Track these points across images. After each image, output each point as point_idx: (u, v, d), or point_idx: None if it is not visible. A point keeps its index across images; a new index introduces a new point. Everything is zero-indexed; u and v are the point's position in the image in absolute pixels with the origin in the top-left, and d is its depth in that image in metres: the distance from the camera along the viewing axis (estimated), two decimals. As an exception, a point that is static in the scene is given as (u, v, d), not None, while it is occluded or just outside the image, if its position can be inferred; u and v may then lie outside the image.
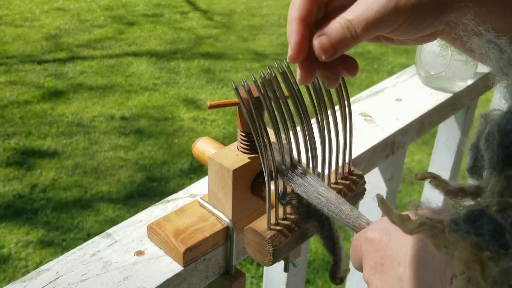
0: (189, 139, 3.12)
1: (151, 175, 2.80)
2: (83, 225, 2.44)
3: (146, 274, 0.55)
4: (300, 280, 0.85)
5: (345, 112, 0.54)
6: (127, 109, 3.42)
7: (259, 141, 0.48)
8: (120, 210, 2.54)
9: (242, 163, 0.55)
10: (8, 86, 3.62)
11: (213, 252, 0.59)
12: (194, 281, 0.59)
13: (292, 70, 0.49)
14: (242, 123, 0.56)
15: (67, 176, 2.75)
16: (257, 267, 2.19)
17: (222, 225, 0.59)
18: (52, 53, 4.15)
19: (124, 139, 3.11)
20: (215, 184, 0.58)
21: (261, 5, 5.53)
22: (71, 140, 3.06)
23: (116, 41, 4.42)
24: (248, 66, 4.14)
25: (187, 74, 3.96)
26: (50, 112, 3.34)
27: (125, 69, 3.97)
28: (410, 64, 1.12)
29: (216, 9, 5.34)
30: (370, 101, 0.94)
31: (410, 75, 1.04)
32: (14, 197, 2.58)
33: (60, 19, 4.80)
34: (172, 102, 3.54)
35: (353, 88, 3.82)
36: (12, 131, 3.11)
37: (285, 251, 0.51)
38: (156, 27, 4.78)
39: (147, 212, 0.64)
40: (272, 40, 4.68)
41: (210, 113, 3.40)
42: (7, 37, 4.38)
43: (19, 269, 2.18)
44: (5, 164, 2.82)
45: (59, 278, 0.54)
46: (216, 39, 4.60)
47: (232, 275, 0.62)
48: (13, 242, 2.32)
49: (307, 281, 2.12)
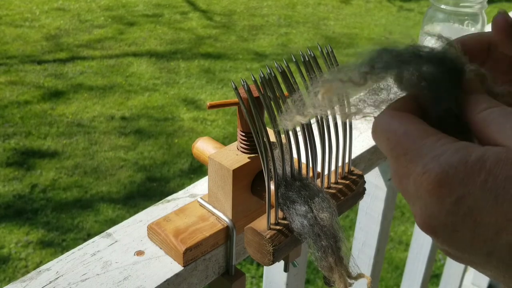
0: (189, 139, 3.12)
1: (151, 175, 2.81)
2: (83, 225, 2.44)
3: (146, 274, 0.55)
4: (300, 280, 0.85)
5: (345, 112, 0.54)
6: (127, 109, 3.42)
7: (259, 141, 0.48)
8: (120, 210, 2.54)
9: (242, 163, 0.55)
10: (8, 86, 3.62)
11: (213, 252, 0.59)
12: (194, 281, 0.59)
13: (292, 70, 0.49)
14: (242, 123, 0.56)
15: (67, 176, 2.75)
16: (257, 267, 2.19)
17: (222, 225, 0.59)
18: (52, 53, 4.15)
19: (124, 139, 3.11)
20: (215, 184, 0.58)
21: (261, 5, 5.53)
22: (71, 140, 3.06)
23: (116, 41, 4.42)
24: (248, 66, 4.14)
25: (187, 74, 3.96)
26: (50, 112, 3.34)
27: (125, 69, 3.97)
28: (410, 64, 1.12)
29: (216, 9, 5.34)
30: (370, 101, 0.94)
31: (410, 75, 1.04)
32: (14, 197, 2.58)
33: (60, 19, 4.80)
34: (172, 102, 3.54)
35: (353, 88, 3.82)
36: (12, 131, 3.11)
37: (285, 250, 0.51)
38: (156, 27, 4.78)
39: (147, 212, 0.64)
40: (272, 40, 4.68)
41: (210, 113, 3.40)
42: (7, 37, 4.38)
43: (19, 269, 2.18)
44: (5, 164, 2.82)
45: (59, 278, 0.54)
46: (216, 39, 4.61)
47: (232, 275, 0.62)
48: (13, 242, 2.32)
49: (307, 281, 2.12)
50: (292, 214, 0.49)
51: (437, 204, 0.31)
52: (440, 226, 0.32)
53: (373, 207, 0.98)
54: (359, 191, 0.58)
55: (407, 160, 0.32)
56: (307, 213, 0.49)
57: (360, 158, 0.78)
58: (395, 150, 0.33)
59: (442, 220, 0.31)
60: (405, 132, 0.33)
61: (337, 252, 0.49)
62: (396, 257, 2.33)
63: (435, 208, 0.31)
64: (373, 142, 0.81)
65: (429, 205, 0.31)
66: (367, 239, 1.01)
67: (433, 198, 0.31)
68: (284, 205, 0.50)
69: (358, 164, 0.78)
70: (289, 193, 0.50)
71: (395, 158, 0.33)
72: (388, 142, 0.34)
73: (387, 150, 0.34)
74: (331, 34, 4.93)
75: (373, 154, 0.81)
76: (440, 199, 0.31)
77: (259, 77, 0.47)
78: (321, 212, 0.49)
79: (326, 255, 0.48)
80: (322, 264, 0.49)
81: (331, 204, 0.50)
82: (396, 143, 0.33)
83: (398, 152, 0.33)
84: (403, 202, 2.66)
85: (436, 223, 0.32)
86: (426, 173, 0.31)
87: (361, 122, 0.87)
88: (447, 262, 1.66)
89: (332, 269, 0.49)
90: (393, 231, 2.47)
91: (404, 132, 0.33)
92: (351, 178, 0.58)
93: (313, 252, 0.49)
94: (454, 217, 0.31)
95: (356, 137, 0.81)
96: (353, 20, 5.34)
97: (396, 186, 0.35)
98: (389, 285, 2.19)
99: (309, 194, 0.50)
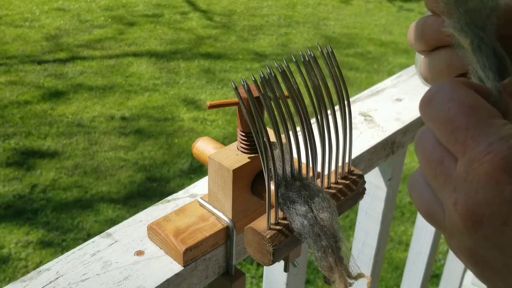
0: (189, 139, 3.12)
1: (151, 175, 2.81)
2: (83, 225, 2.44)
3: (146, 274, 0.55)
4: (300, 280, 0.85)
5: (345, 112, 0.54)
6: (127, 109, 3.42)
7: (259, 141, 0.48)
8: (120, 210, 2.54)
9: (242, 163, 0.55)
10: (8, 86, 3.62)
11: (213, 252, 0.59)
12: (194, 281, 0.59)
13: (292, 70, 0.49)
14: (242, 123, 0.56)
15: (67, 176, 2.75)
16: (257, 267, 2.19)
17: (222, 225, 0.59)
18: (52, 53, 4.15)
19: (124, 139, 3.11)
20: (215, 184, 0.58)
21: (261, 5, 5.53)
22: (71, 140, 3.06)
23: (116, 41, 4.42)
24: (248, 66, 4.14)
25: (187, 74, 3.96)
26: (50, 112, 3.34)
27: (125, 69, 3.97)
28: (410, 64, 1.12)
29: (216, 9, 5.35)
30: (370, 101, 0.94)
31: (410, 75, 1.04)
32: (14, 197, 2.58)
33: (60, 19, 4.80)
34: (172, 102, 3.54)
35: (353, 88, 3.83)
36: (12, 131, 3.11)
37: (285, 250, 0.51)
38: (156, 27, 4.78)
39: (147, 212, 0.64)
40: (272, 40, 4.68)
41: (210, 113, 3.40)
42: (7, 37, 4.38)
43: (19, 269, 2.18)
44: (5, 164, 2.82)
45: (59, 278, 0.54)
46: (216, 39, 4.61)
47: (232, 275, 0.62)
48: (13, 242, 2.32)
49: (307, 281, 2.12)
50: (292, 214, 0.49)
51: (494, 190, 0.27)
52: (489, 216, 0.28)
53: (373, 207, 0.98)
54: (359, 191, 0.58)
55: (468, 136, 0.28)
56: (307, 213, 0.49)
57: (360, 158, 0.78)
58: (456, 121, 0.29)
59: (494, 210, 0.27)
60: (473, 105, 0.29)
61: (337, 252, 0.49)
62: (396, 257, 2.33)
63: (490, 194, 0.27)
64: (373, 142, 0.81)
65: (481, 190, 0.27)
66: (367, 239, 1.01)
67: (491, 182, 0.27)
68: (284, 205, 0.50)
69: (358, 164, 0.78)
70: (289, 193, 0.50)
71: (449, 131, 0.29)
72: (449, 112, 0.29)
73: (443, 120, 0.30)
74: (331, 34, 4.93)
75: (373, 154, 0.81)
76: (500, 185, 0.27)
77: (259, 77, 0.47)
78: (321, 212, 0.49)
79: (326, 255, 0.48)
80: (322, 264, 0.49)
81: (331, 204, 0.50)
82: (460, 113, 0.29)
83: (458, 124, 0.29)
84: (403, 202, 2.66)
85: (485, 212, 0.28)
86: (491, 153, 0.27)
87: (361, 122, 0.87)
88: (447, 262, 1.66)
89: (332, 269, 0.49)
90: (393, 231, 2.47)
91: (472, 105, 0.29)
92: (351, 178, 0.58)
93: (313, 252, 0.49)
94: (510, 207, 0.27)
95: (356, 137, 0.81)
96: (353, 20, 5.34)
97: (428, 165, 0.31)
98: (389, 285, 2.19)
99: (309, 194, 0.50)
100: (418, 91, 0.98)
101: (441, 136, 0.30)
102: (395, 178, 0.97)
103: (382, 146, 0.83)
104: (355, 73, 4.16)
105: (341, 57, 4.38)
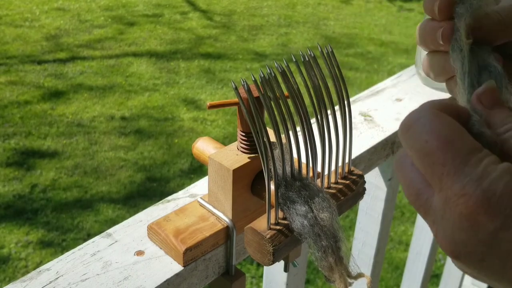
0: (189, 139, 3.12)
1: (151, 175, 2.81)
2: (83, 225, 2.44)
3: (146, 274, 0.55)
4: (300, 280, 0.85)
5: (345, 112, 0.54)
6: (127, 109, 3.42)
7: (259, 141, 0.48)
8: (120, 210, 2.54)
9: (242, 163, 0.55)
10: (8, 86, 3.62)
11: (213, 252, 0.59)
12: (194, 281, 0.59)
13: (292, 70, 0.49)
14: (242, 123, 0.56)
15: (67, 176, 2.75)
16: (257, 267, 2.19)
17: (222, 225, 0.59)
18: (52, 53, 4.15)
19: (124, 139, 3.11)
20: (215, 184, 0.58)
21: (261, 5, 5.53)
22: (71, 140, 3.06)
23: (116, 41, 4.42)
24: (248, 66, 4.14)
25: (187, 74, 3.96)
26: (50, 112, 3.34)
27: (125, 69, 3.97)
28: (410, 64, 1.12)
29: (216, 9, 5.34)
30: (370, 101, 0.94)
31: (410, 75, 1.05)
32: (14, 197, 2.58)
33: (60, 19, 4.80)
34: (172, 102, 3.54)
35: (353, 88, 3.83)
36: (12, 131, 3.11)
37: (285, 250, 0.51)
38: (156, 27, 4.78)
39: (147, 212, 0.64)
40: (272, 40, 4.68)
41: (210, 113, 3.40)
42: (7, 37, 4.38)
43: (19, 269, 2.18)
44: (5, 164, 2.82)
45: (59, 278, 0.54)
46: (216, 39, 4.61)
47: (232, 275, 0.62)
48: (13, 242, 2.32)
49: (307, 281, 2.12)
50: (292, 214, 0.49)
51: (469, 232, 0.28)
52: (466, 254, 0.29)
53: (373, 207, 0.98)
54: (359, 191, 0.58)
55: (444, 173, 0.29)
56: (307, 213, 0.49)
57: (360, 158, 0.78)
58: (432, 156, 0.29)
59: (470, 249, 0.28)
60: (450, 141, 0.29)
61: (337, 252, 0.49)
62: (396, 257, 2.33)
63: (465, 236, 0.28)
64: (373, 142, 0.81)
65: (457, 231, 0.28)
66: (367, 239, 1.01)
67: (465, 224, 0.28)
68: (284, 205, 0.50)
69: (358, 164, 0.78)
70: (289, 193, 0.50)
71: (426, 164, 0.30)
72: (426, 145, 0.29)
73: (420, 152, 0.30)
74: (331, 34, 4.93)
75: (373, 154, 0.81)
76: (475, 228, 0.27)
77: (259, 77, 0.47)
78: (321, 212, 0.49)
79: (326, 255, 0.48)
80: (322, 264, 0.49)
81: (331, 204, 0.50)
82: (436, 148, 0.29)
83: (434, 159, 0.29)
84: (403, 202, 2.66)
85: (461, 250, 0.29)
86: (465, 196, 0.27)
87: (361, 122, 0.87)
88: (447, 262, 1.66)
89: (332, 269, 0.49)
90: (393, 231, 2.47)
91: (449, 140, 0.29)
92: (351, 178, 0.58)
93: (313, 252, 0.49)
94: (484, 247, 0.28)
95: (356, 137, 0.81)
96: (353, 20, 5.34)
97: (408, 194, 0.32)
98: (389, 285, 2.19)
99: (309, 194, 0.50)
100: (418, 91, 0.98)
101: (419, 165, 0.31)
102: (395, 178, 0.97)
103: (382, 146, 0.83)
104: (355, 73, 4.16)
105: (341, 57, 4.38)
